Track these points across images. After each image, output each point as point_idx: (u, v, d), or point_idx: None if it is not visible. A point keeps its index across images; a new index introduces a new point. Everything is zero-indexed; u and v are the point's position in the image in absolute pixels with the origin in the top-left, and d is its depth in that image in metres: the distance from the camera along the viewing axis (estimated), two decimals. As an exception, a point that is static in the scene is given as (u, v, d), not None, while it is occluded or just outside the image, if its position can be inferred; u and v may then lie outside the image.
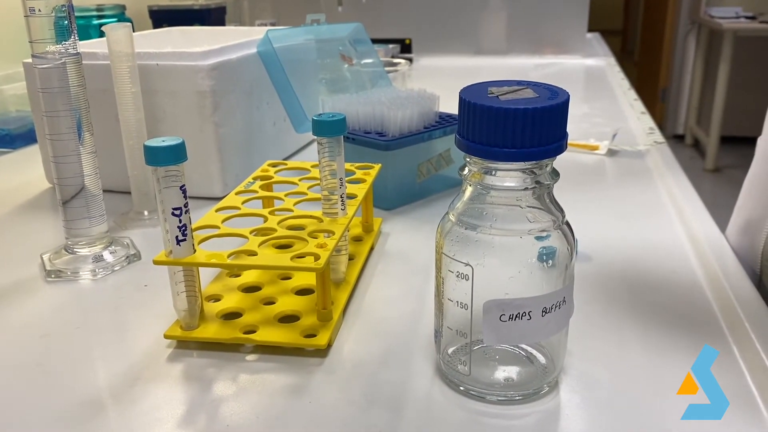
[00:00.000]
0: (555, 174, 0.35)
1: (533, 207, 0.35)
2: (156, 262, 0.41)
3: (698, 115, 3.64)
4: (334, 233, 0.45)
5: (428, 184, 0.68)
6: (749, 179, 0.64)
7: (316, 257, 0.41)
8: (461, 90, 0.35)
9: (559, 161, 0.35)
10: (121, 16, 1.23)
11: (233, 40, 0.72)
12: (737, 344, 0.42)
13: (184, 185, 0.40)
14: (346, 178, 0.49)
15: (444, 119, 0.70)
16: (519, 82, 0.35)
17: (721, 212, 0.68)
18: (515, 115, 0.32)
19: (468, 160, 0.35)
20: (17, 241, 0.61)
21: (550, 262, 0.35)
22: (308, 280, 0.49)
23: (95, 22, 1.18)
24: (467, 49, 1.69)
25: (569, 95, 0.34)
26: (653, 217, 0.64)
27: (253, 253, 0.42)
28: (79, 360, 0.42)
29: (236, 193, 0.53)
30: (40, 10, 0.47)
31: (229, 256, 0.42)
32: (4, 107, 0.97)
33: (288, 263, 0.41)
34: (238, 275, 0.51)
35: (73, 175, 0.52)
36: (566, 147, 0.34)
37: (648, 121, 1.01)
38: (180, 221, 0.40)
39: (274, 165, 0.60)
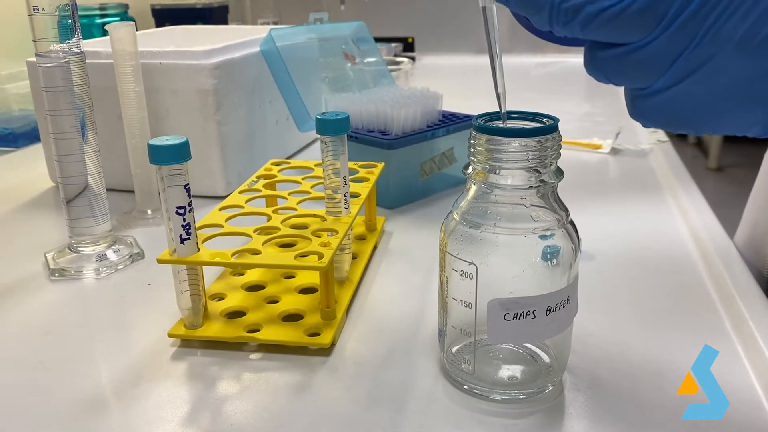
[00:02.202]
0: (559, 173, 0.35)
1: (537, 206, 0.35)
2: (160, 261, 0.41)
3: (701, 113, 3.63)
4: (337, 232, 0.45)
5: (431, 182, 0.68)
6: (757, 186, 0.64)
7: (320, 256, 0.41)
8: None
9: (563, 160, 0.35)
10: (123, 14, 1.23)
11: (236, 39, 0.72)
12: (741, 343, 0.42)
13: (188, 184, 0.40)
14: (349, 177, 0.49)
15: (447, 118, 0.70)
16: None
17: (724, 211, 0.68)
18: None
19: (473, 159, 0.35)
20: (21, 240, 0.61)
21: (555, 260, 0.34)
22: (312, 278, 0.49)
23: (98, 20, 1.19)
24: (470, 48, 1.69)
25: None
26: (657, 215, 0.64)
27: (257, 252, 0.42)
28: (82, 358, 0.42)
29: (240, 192, 0.53)
30: (43, 9, 0.47)
31: (232, 255, 0.42)
32: (7, 106, 0.97)
33: (292, 262, 0.41)
34: (242, 274, 0.51)
35: (76, 174, 0.52)
36: None
37: (651, 120, 1.01)
38: (184, 220, 0.40)
39: (277, 164, 0.60)
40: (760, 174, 0.64)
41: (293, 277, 0.50)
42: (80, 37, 0.50)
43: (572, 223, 0.36)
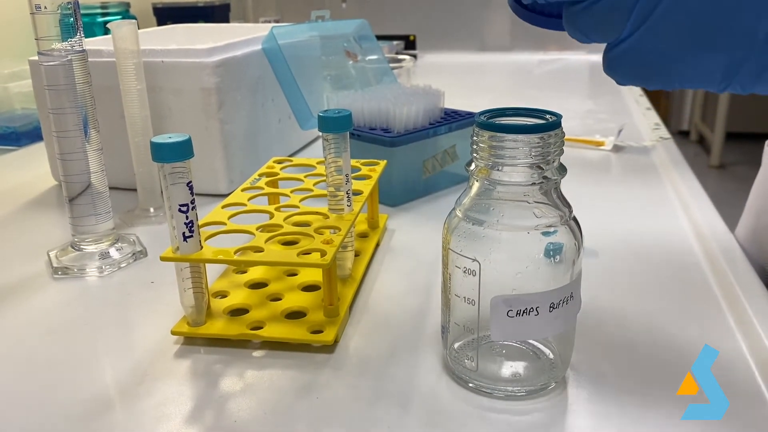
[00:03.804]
0: (562, 169, 0.35)
1: (540, 202, 0.34)
2: (163, 259, 0.41)
3: (703, 111, 3.63)
4: (340, 229, 0.45)
5: (433, 180, 0.68)
6: (759, 181, 0.63)
7: (323, 253, 0.41)
8: None
9: (565, 157, 0.35)
10: (125, 13, 1.23)
11: (238, 37, 0.72)
12: (745, 340, 0.42)
13: (190, 182, 0.40)
14: (352, 175, 0.49)
15: (449, 115, 0.70)
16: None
17: (726, 208, 0.68)
18: None
19: (475, 155, 0.35)
20: (24, 238, 0.61)
21: (558, 257, 0.34)
22: (315, 276, 0.49)
23: (100, 19, 1.19)
24: (471, 46, 1.69)
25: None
26: (659, 212, 0.64)
27: (260, 250, 0.42)
28: (85, 356, 0.42)
29: (242, 190, 0.53)
30: (45, 8, 0.47)
31: (235, 253, 0.42)
32: (10, 105, 0.97)
33: (294, 259, 0.41)
34: (245, 271, 0.51)
35: (79, 172, 0.52)
36: None
37: (653, 117, 1.01)
38: (187, 218, 0.40)
39: (279, 162, 0.60)
40: (762, 166, 0.64)
41: (296, 274, 0.50)
42: (82, 35, 0.50)
43: (575, 219, 0.36)
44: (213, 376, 0.40)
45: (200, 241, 0.42)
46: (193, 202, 0.40)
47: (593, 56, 1.60)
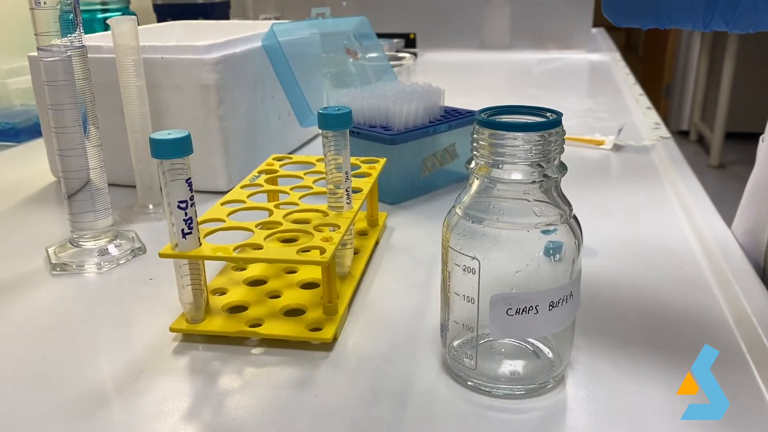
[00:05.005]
0: (562, 167, 0.35)
1: (540, 201, 0.34)
2: (162, 255, 0.41)
3: (702, 111, 3.63)
4: (339, 227, 0.45)
5: (433, 178, 0.68)
6: (752, 180, 0.63)
7: (322, 251, 0.41)
8: None
9: (565, 156, 0.35)
10: (125, 9, 1.23)
11: (238, 34, 0.72)
12: (744, 339, 0.42)
13: (189, 178, 0.40)
14: (351, 172, 0.49)
15: (449, 113, 0.70)
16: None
17: (725, 208, 0.68)
18: None
19: (476, 153, 0.35)
20: (22, 235, 0.61)
21: (557, 256, 0.34)
22: (313, 273, 0.49)
23: (100, 15, 1.18)
24: (471, 44, 1.69)
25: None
26: (659, 212, 0.63)
27: (259, 247, 0.42)
28: (83, 353, 0.42)
29: (241, 187, 0.53)
30: (45, 3, 0.47)
31: (234, 250, 0.42)
32: (9, 101, 0.97)
33: (293, 257, 0.41)
34: (244, 269, 0.51)
35: (78, 169, 0.52)
36: None
37: (653, 117, 1.01)
38: (186, 214, 0.40)
39: (279, 159, 0.59)
40: (756, 165, 0.64)
41: (295, 272, 0.50)
42: (82, 31, 0.50)
43: (575, 218, 0.36)
44: (211, 374, 0.39)
45: (199, 238, 0.42)
46: (192, 198, 0.40)
47: (593, 55, 1.60)
